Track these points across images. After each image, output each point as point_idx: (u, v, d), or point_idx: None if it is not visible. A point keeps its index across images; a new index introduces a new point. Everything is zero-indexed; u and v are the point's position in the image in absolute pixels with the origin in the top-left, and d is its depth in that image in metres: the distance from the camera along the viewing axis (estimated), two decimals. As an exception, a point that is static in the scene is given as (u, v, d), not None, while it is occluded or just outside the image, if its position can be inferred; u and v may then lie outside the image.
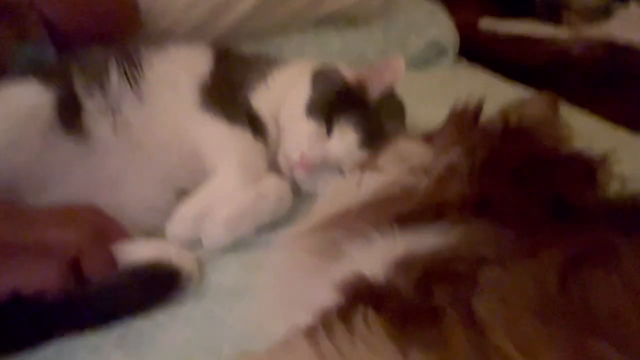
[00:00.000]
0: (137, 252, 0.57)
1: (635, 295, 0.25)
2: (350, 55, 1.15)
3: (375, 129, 0.72)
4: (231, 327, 0.50)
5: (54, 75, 0.68)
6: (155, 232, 0.66)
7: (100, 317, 0.50)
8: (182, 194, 0.70)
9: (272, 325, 0.46)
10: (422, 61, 1.23)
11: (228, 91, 0.77)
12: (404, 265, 0.35)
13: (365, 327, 0.30)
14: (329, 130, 0.72)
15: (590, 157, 0.43)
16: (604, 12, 1.95)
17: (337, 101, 0.73)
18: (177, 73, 0.75)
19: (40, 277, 0.50)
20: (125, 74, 0.71)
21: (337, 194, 0.51)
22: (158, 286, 0.53)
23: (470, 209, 0.38)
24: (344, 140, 0.71)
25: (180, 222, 0.64)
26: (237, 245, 0.62)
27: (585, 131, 0.54)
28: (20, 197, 0.62)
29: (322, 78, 0.76)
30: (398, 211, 0.40)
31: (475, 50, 1.42)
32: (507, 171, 0.41)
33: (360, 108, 0.73)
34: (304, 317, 0.40)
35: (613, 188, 0.41)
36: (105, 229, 0.59)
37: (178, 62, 0.77)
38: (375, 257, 0.38)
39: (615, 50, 1.55)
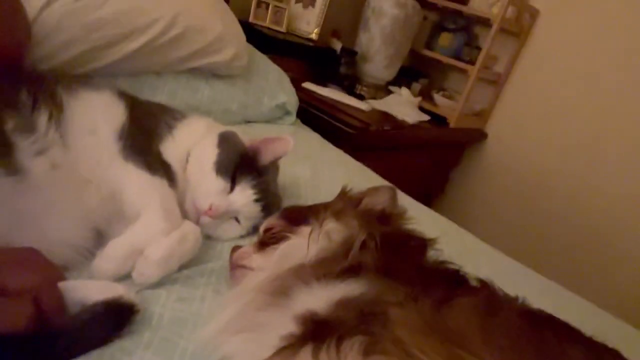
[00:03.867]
0: (87, 290, 0.65)
1: (468, 322, 0.55)
2: (218, 105, 1.33)
3: (266, 188, 0.94)
4: (185, 349, 0.64)
5: None
6: (69, 267, 0.73)
7: (76, 349, 0.58)
8: (97, 234, 0.78)
9: (230, 345, 0.63)
10: (271, 117, 1.49)
11: (143, 140, 0.87)
12: (342, 304, 0.59)
13: (335, 351, 0.52)
14: (232, 187, 0.90)
15: (426, 238, 0.74)
16: (384, 90, 2.56)
17: (239, 163, 0.92)
18: (95, 120, 0.83)
19: (13, 318, 0.56)
20: (50, 117, 0.76)
21: (286, 255, 0.70)
22: (120, 318, 0.63)
23: (374, 270, 0.64)
24: (244, 195, 0.90)
25: (110, 259, 0.73)
26: (164, 281, 0.75)
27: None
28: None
29: (227, 141, 0.94)
30: (331, 270, 0.64)
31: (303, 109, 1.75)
32: (386, 244, 0.69)
33: (255, 170, 0.94)
34: (263, 341, 0.59)
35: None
36: (49, 270, 0.65)
37: (94, 108, 0.84)
38: (319, 300, 0.60)
39: (395, 124, 2.10)
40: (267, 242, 0.78)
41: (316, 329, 0.57)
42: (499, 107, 2.59)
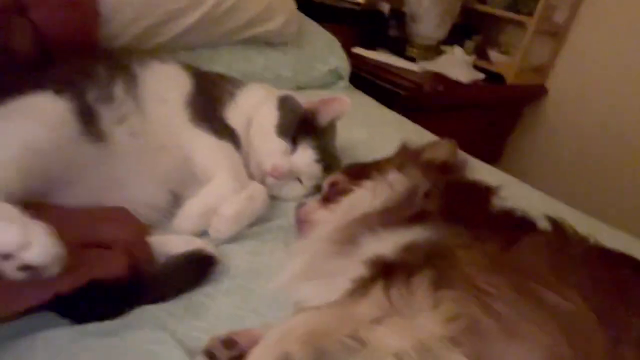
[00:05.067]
0: (171, 244, 0.72)
1: (538, 259, 0.56)
2: (271, 73, 1.36)
3: (325, 149, 0.96)
4: (264, 296, 0.69)
5: (64, 87, 0.74)
6: (152, 225, 0.79)
7: (167, 293, 0.64)
8: (174, 195, 0.84)
9: (303, 291, 0.67)
10: (324, 83, 1.51)
11: (208, 108, 0.92)
12: (408, 248, 0.61)
13: (406, 287, 0.55)
14: (294, 148, 0.93)
15: (489, 186, 0.75)
16: (436, 51, 2.49)
17: (299, 124, 0.95)
18: (165, 89, 0.88)
19: (114, 267, 0.62)
20: (126, 88, 0.82)
21: (354, 203, 0.73)
22: (202, 268, 0.69)
23: (440, 217, 0.65)
24: (305, 156, 0.93)
25: (188, 218, 0.79)
26: (236, 237, 0.80)
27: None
28: (46, 195, 0.70)
29: (286, 104, 0.97)
30: (396, 217, 0.66)
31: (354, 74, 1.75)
32: (450, 193, 0.70)
33: (314, 131, 0.96)
34: (334, 285, 0.63)
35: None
36: (137, 226, 0.71)
37: (163, 79, 0.89)
38: (386, 245, 0.63)
39: (448, 84, 2.05)
40: (331, 197, 0.81)
41: (385, 270, 0.59)
42: (560, 61, 2.45)
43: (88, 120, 0.74)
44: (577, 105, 2.38)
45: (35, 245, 0.50)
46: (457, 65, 2.31)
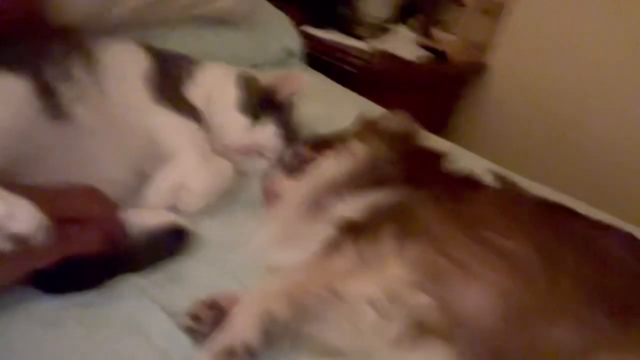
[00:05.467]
0: (144, 218, 0.73)
1: (486, 209, 0.63)
2: (225, 51, 1.37)
3: (286, 123, 1.00)
4: (239, 263, 0.73)
5: (20, 66, 0.73)
6: (119, 203, 0.80)
7: (143, 263, 0.67)
8: (139, 173, 0.85)
9: (276, 255, 0.71)
10: (278, 61, 1.53)
11: (168, 85, 0.92)
12: (373, 209, 0.67)
13: (373, 240, 0.60)
14: (255, 124, 0.96)
15: (440, 151, 0.82)
16: (382, 29, 2.56)
17: (258, 100, 0.97)
18: (123, 68, 0.88)
19: (88, 242, 0.64)
20: (86, 66, 0.81)
21: (318, 175, 0.77)
22: (177, 239, 0.72)
23: (399, 180, 0.71)
24: (267, 131, 0.96)
25: (157, 192, 0.81)
26: (206, 211, 0.83)
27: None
28: (12, 175, 0.69)
29: (245, 81, 0.99)
30: (360, 183, 0.71)
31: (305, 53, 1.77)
32: (406, 159, 0.76)
33: (274, 107, 0.99)
34: (306, 246, 0.68)
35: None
36: (108, 202, 0.72)
37: (121, 56, 0.89)
38: (352, 208, 0.68)
39: (396, 62, 2.12)
40: (295, 168, 0.85)
41: (353, 229, 0.65)
42: (499, 38, 2.58)
43: (48, 98, 0.73)
44: (516, 79, 2.53)
45: (19, 214, 0.51)
46: (403, 43, 2.39)
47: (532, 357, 0.51)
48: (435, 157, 0.80)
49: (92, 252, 0.64)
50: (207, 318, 0.60)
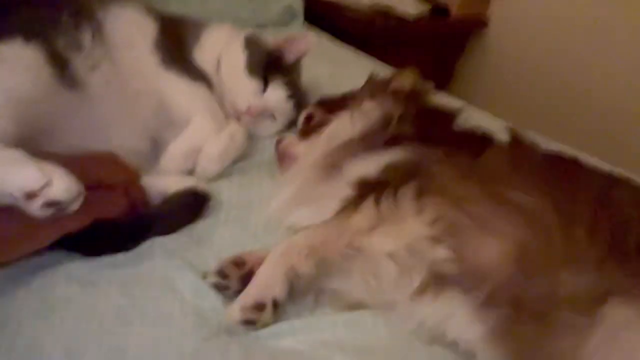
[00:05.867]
0: (164, 184, 0.75)
1: (500, 166, 0.64)
2: (227, 13, 1.35)
3: (295, 85, 1.00)
4: (259, 223, 0.75)
5: (32, 35, 0.72)
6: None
7: (168, 227, 0.69)
8: (154, 140, 0.86)
9: (295, 216, 0.73)
10: (281, 21, 1.51)
11: (176, 50, 0.92)
12: (389, 168, 0.68)
13: (392, 199, 0.62)
14: (265, 86, 0.96)
15: (453, 109, 0.82)
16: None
17: (267, 63, 0.97)
18: (131, 34, 0.87)
19: (114, 207, 0.66)
20: (94, 34, 0.80)
21: (334, 132, 0.78)
22: (198, 203, 0.74)
23: (413, 139, 0.72)
24: (277, 94, 0.96)
25: (173, 158, 0.82)
26: (223, 174, 0.84)
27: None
28: (32, 143, 0.70)
29: (252, 43, 0.98)
30: (375, 142, 0.72)
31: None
32: (419, 117, 0.77)
33: (282, 69, 0.99)
34: (324, 206, 0.69)
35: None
36: (129, 168, 0.74)
37: (128, 23, 0.88)
38: (368, 167, 0.70)
39: (397, 19, 2.09)
40: (309, 129, 0.86)
41: (371, 188, 0.66)
42: (500, -9, 2.53)
43: (61, 67, 0.73)
44: (517, 33, 2.50)
45: (57, 181, 0.52)
46: (403, -2, 2.34)
47: (549, 304, 0.53)
48: (448, 116, 0.81)
49: (118, 216, 0.65)
50: (234, 275, 0.63)
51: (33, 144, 0.68)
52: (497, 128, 0.79)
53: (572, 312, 0.52)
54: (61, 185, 0.52)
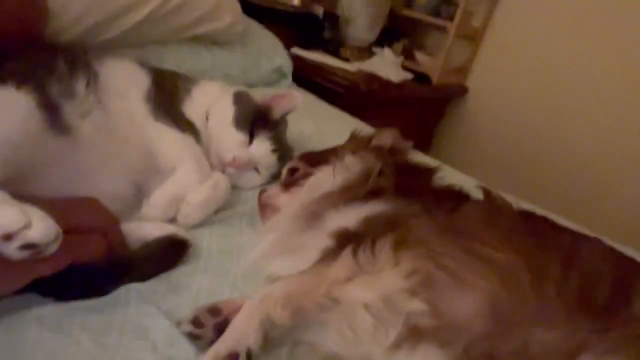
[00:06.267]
0: (145, 230, 0.75)
1: (475, 222, 0.66)
2: (219, 70, 1.41)
3: (280, 140, 1.03)
4: (238, 272, 0.75)
5: (25, 81, 0.75)
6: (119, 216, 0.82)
7: (145, 274, 0.68)
8: (138, 187, 0.87)
9: (275, 265, 0.74)
10: (270, 81, 1.58)
11: (167, 103, 0.95)
12: (368, 220, 0.70)
13: (370, 250, 0.63)
14: (250, 140, 0.99)
15: (431, 166, 0.86)
16: (368, 52, 2.63)
17: (254, 118, 1.01)
18: (124, 85, 0.90)
19: (92, 251, 0.65)
20: (88, 83, 0.83)
21: (316, 184, 0.80)
22: (177, 250, 0.74)
23: (393, 193, 0.75)
24: (262, 147, 1.00)
25: (156, 206, 0.83)
26: (204, 223, 0.85)
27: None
28: (15, 186, 0.70)
29: (241, 98, 1.03)
30: (355, 194, 0.74)
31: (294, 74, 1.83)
32: (399, 172, 0.79)
33: (269, 125, 1.03)
34: (304, 256, 0.70)
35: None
36: (109, 214, 0.74)
37: (122, 74, 0.92)
38: (348, 219, 0.71)
39: (381, 83, 2.19)
40: (292, 182, 0.88)
41: (350, 239, 0.68)
42: (478, 62, 2.69)
43: (52, 114, 0.75)
44: (494, 100, 2.63)
45: (36, 224, 0.52)
46: (387, 65, 2.46)
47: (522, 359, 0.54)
48: (426, 172, 0.85)
49: (95, 261, 0.65)
50: (209, 324, 0.62)
51: (16, 186, 0.69)
52: (471, 187, 0.82)
53: (546, 367, 0.53)
54: (40, 228, 0.52)
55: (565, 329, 0.55)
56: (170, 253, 0.73)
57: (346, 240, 0.68)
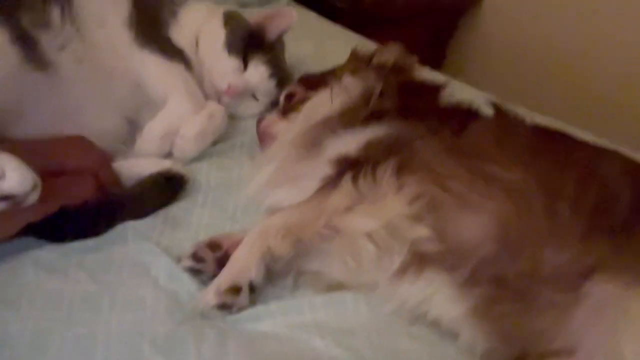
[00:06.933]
0: (139, 166, 0.73)
1: (484, 141, 0.62)
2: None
3: (277, 64, 0.97)
4: (236, 205, 0.73)
5: None
6: (111, 153, 0.79)
7: (142, 211, 0.67)
8: (130, 122, 0.84)
9: (274, 196, 0.71)
10: (263, 0, 1.46)
11: (152, 28, 0.89)
12: (370, 144, 0.66)
13: (372, 176, 0.60)
14: (245, 65, 0.93)
15: (437, 83, 0.79)
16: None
17: (247, 41, 0.94)
18: (103, 11, 0.83)
19: (82, 192, 0.63)
20: (62, 11, 0.77)
21: (313, 109, 0.76)
22: (173, 185, 0.71)
23: (395, 114, 0.70)
24: (258, 72, 0.93)
25: (150, 140, 0.80)
26: (202, 156, 0.82)
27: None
28: (1, 130, 0.67)
29: (232, 20, 0.95)
30: (355, 118, 0.70)
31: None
32: (402, 92, 0.74)
33: (264, 47, 0.96)
34: (304, 186, 0.67)
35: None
36: (99, 152, 0.71)
37: (99, 0, 0.84)
38: (348, 144, 0.67)
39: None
40: (290, 108, 0.83)
41: (350, 166, 0.64)
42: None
43: (28, 47, 0.70)
44: (512, 10, 2.45)
45: (11, 174, 0.49)
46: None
47: (532, 282, 0.52)
48: (432, 90, 0.79)
49: (87, 201, 0.63)
50: (209, 258, 0.61)
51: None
52: (483, 102, 0.76)
53: (555, 290, 0.51)
54: (15, 178, 0.50)
55: (578, 249, 0.52)
56: (166, 188, 0.71)
57: (346, 167, 0.65)
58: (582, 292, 0.50)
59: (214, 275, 0.59)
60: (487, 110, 0.72)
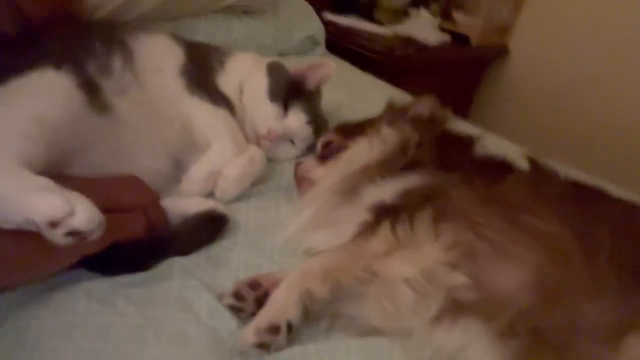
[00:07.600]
0: (184, 206, 0.76)
1: (519, 192, 0.64)
2: (252, 41, 1.39)
3: (315, 111, 1.02)
4: (273, 246, 0.75)
5: (64, 62, 0.75)
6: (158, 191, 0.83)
7: (187, 247, 0.70)
8: (176, 162, 0.88)
9: (312, 239, 0.74)
10: (302, 50, 1.55)
11: (202, 76, 0.95)
12: (406, 193, 0.68)
13: (409, 224, 0.62)
14: (285, 112, 0.98)
15: (471, 136, 0.82)
16: (403, 14, 2.54)
17: (288, 89, 0.99)
18: (159, 60, 0.90)
19: (133, 228, 0.67)
20: (125, 60, 0.84)
21: (353, 157, 0.79)
22: (216, 225, 0.75)
23: (431, 165, 0.72)
24: (297, 119, 0.98)
25: (195, 181, 0.84)
26: (241, 197, 0.86)
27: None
28: (59, 168, 0.72)
29: (275, 70, 1.01)
30: (393, 167, 0.73)
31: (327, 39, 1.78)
32: (438, 143, 0.77)
33: (303, 95, 1.01)
34: (341, 230, 0.70)
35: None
36: (150, 191, 0.76)
37: (156, 50, 0.91)
38: (386, 192, 0.70)
39: (417, 47, 2.11)
40: (327, 155, 0.87)
41: (388, 213, 0.66)
42: (521, 21, 2.54)
43: (91, 92, 0.76)
44: (538, 62, 2.50)
45: (80, 211, 0.53)
46: (424, 27, 2.36)
47: (570, 335, 0.52)
48: (467, 142, 0.81)
49: (137, 238, 0.67)
50: (250, 297, 0.63)
51: (58, 166, 0.71)
52: (515, 155, 0.78)
53: (594, 343, 0.51)
54: (84, 215, 0.53)
55: (617, 303, 0.52)
56: (210, 227, 0.74)
57: (384, 214, 0.67)
58: (621, 347, 0.50)
59: (253, 314, 0.61)
60: (521, 164, 0.74)
